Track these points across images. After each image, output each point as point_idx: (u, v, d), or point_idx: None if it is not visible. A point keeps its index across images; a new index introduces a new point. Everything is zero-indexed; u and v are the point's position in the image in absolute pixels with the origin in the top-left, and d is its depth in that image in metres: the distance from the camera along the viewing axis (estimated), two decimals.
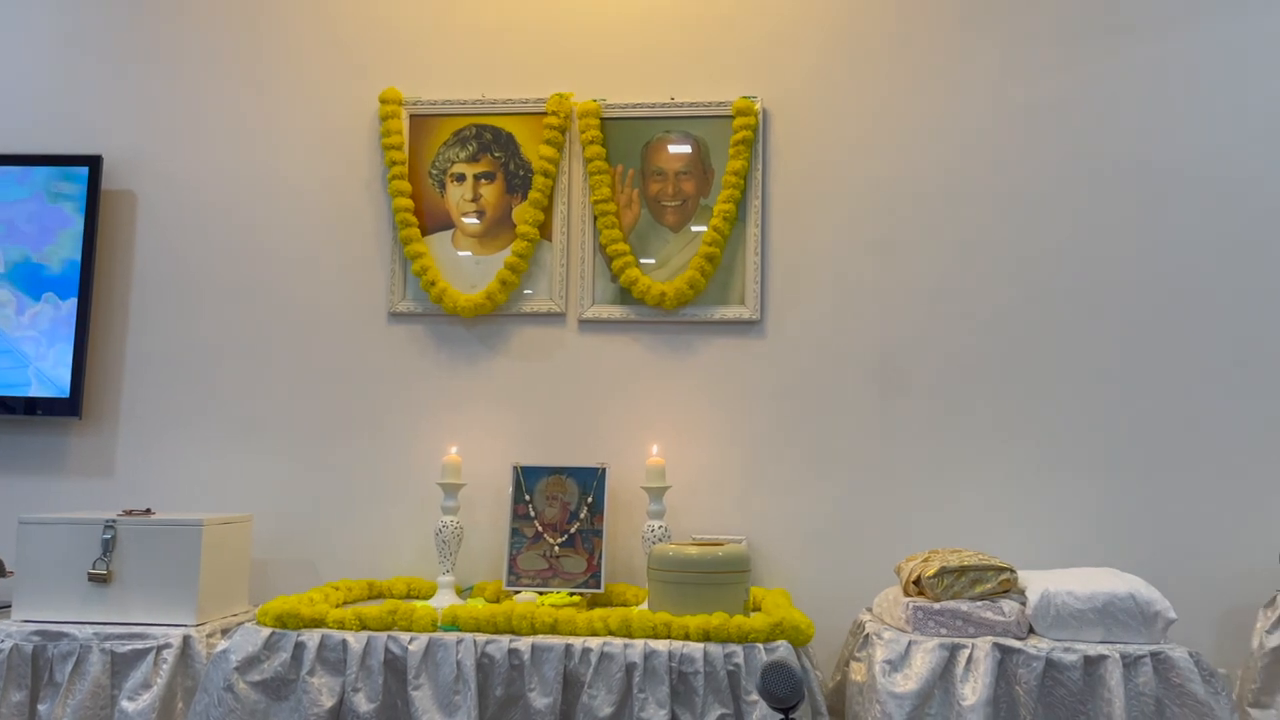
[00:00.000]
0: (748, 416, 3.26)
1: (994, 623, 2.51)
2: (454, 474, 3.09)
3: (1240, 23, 3.23)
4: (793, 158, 3.34)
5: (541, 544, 3.10)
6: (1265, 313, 3.12)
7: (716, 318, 3.28)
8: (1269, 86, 3.20)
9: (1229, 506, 3.06)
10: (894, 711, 2.40)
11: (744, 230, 3.30)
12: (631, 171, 3.36)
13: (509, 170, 3.40)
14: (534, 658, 2.49)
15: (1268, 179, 3.16)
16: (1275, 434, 3.07)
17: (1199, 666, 2.39)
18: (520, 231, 3.33)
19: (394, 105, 3.43)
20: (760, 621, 2.48)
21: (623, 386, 3.30)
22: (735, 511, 3.23)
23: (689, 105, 3.35)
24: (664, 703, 2.40)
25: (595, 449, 3.26)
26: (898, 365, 3.23)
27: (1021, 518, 3.13)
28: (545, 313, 3.35)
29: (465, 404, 3.34)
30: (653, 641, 2.47)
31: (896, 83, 3.33)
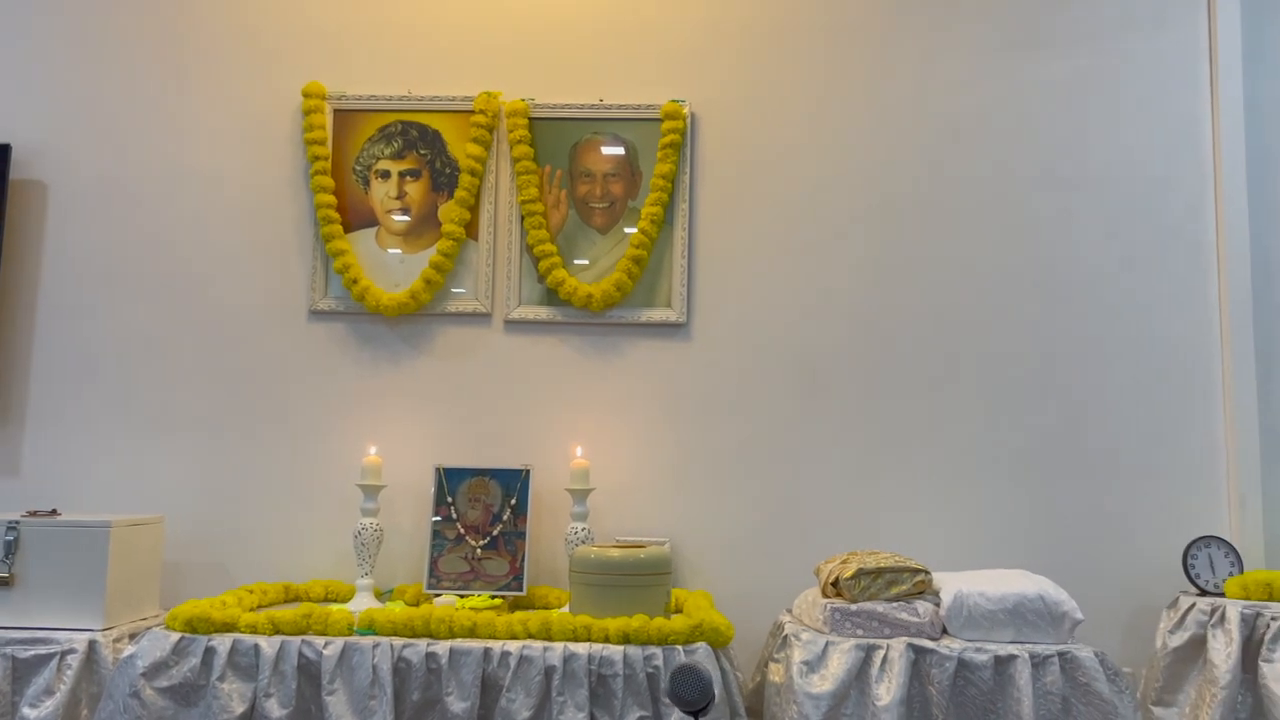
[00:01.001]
0: (673, 419, 3.27)
1: (909, 624, 2.55)
2: (374, 475, 3.04)
3: (1149, 41, 3.33)
4: (720, 162, 3.36)
5: (464, 546, 3.07)
6: (1169, 322, 3.22)
7: (643, 320, 3.29)
8: (1176, 103, 3.30)
9: (1135, 510, 3.15)
10: (810, 712, 2.43)
11: (671, 233, 3.31)
12: (559, 172, 3.35)
13: (435, 168, 3.37)
14: (452, 661, 2.46)
15: (1173, 192, 3.27)
16: (1178, 440, 3.17)
17: (1104, 666, 2.46)
18: (446, 230, 3.30)
19: (317, 99, 3.37)
20: (680, 624, 2.49)
21: (548, 388, 3.29)
22: (659, 513, 3.23)
23: (618, 107, 3.35)
24: (583, 705, 2.40)
25: (519, 450, 3.25)
26: (820, 369, 3.27)
27: (938, 520, 3.18)
28: (470, 313, 3.32)
29: (387, 404, 3.30)
30: (572, 644, 2.46)
31: (821, 91, 3.37)
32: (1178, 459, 3.17)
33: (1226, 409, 3.16)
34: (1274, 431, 3.16)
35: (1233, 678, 2.64)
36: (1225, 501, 3.13)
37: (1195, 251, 3.25)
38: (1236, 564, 2.91)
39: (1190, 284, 3.24)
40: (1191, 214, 3.26)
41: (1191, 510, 3.14)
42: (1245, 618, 2.68)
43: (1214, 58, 3.28)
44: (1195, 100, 3.30)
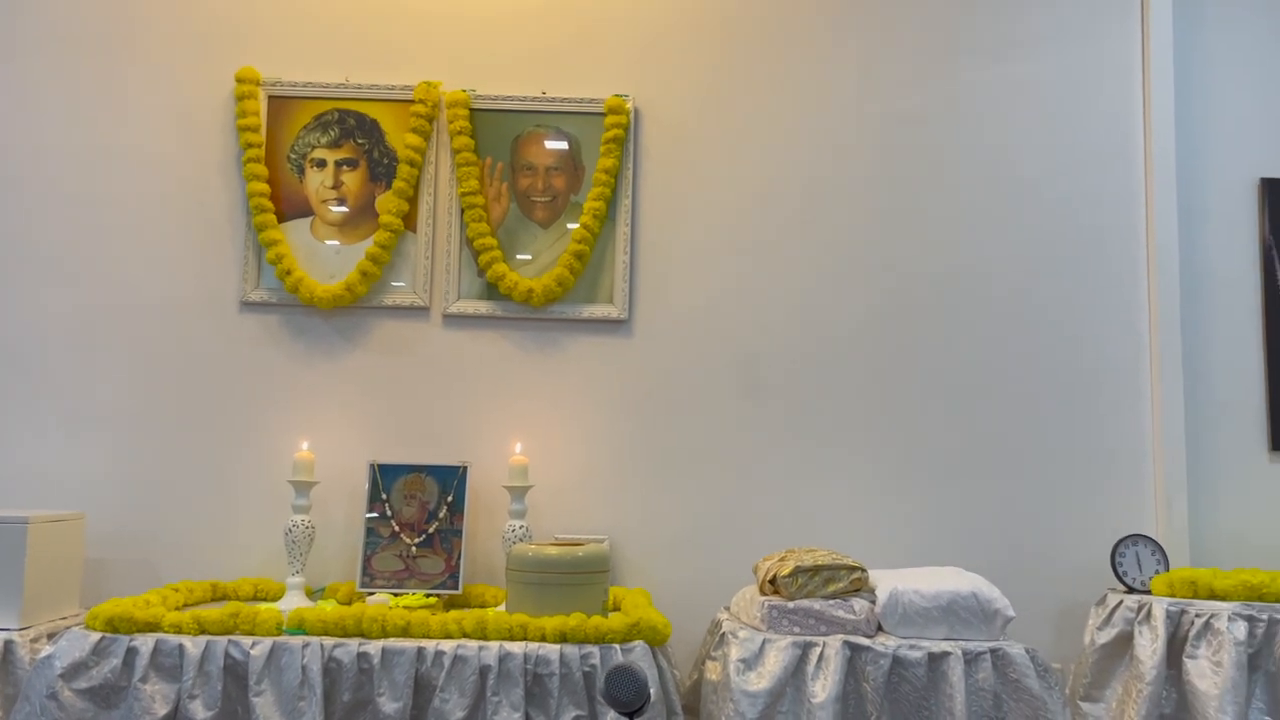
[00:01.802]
0: (613, 416, 3.25)
1: (845, 621, 2.56)
2: (306, 471, 2.97)
3: (1082, 50, 3.39)
4: (664, 158, 3.34)
5: (398, 544, 3.01)
6: (1099, 326, 3.29)
7: (584, 316, 3.26)
8: (1108, 111, 3.36)
9: (1065, 509, 3.21)
10: (746, 710, 2.42)
11: (614, 229, 3.29)
12: (501, 165, 3.31)
13: (373, 158, 3.30)
14: (384, 661, 2.42)
15: (1105, 199, 3.33)
16: (1107, 442, 3.23)
17: (1034, 662, 2.49)
18: (383, 221, 3.23)
19: (251, 85, 3.28)
20: (617, 622, 2.47)
21: (487, 383, 3.25)
22: (599, 511, 3.21)
23: (561, 100, 3.32)
24: (518, 705, 2.37)
25: (457, 447, 3.20)
26: (761, 368, 3.27)
27: (875, 518, 3.21)
28: (408, 306, 3.26)
29: (320, 398, 3.23)
30: (508, 643, 2.43)
31: (765, 90, 3.37)
32: (1107, 460, 3.23)
33: (1154, 411, 3.23)
34: (1199, 433, 3.23)
35: (1158, 674, 2.70)
36: (1152, 501, 3.20)
37: (1126, 257, 3.31)
38: (1163, 562, 2.98)
39: (1120, 289, 3.30)
40: (1122, 220, 3.32)
41: (1120, 510, 3.20)
42: (1170, 615, 2.73)
43: (1146, 68, 3.35)
44: (1127, 108, 3.36)
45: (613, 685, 1.59)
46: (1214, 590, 2.74)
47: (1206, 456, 3.23)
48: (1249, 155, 3.36)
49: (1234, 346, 3.29)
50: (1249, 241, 3.33)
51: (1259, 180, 3.34)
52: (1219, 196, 3.35)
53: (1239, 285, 3.32)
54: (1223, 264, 3.33)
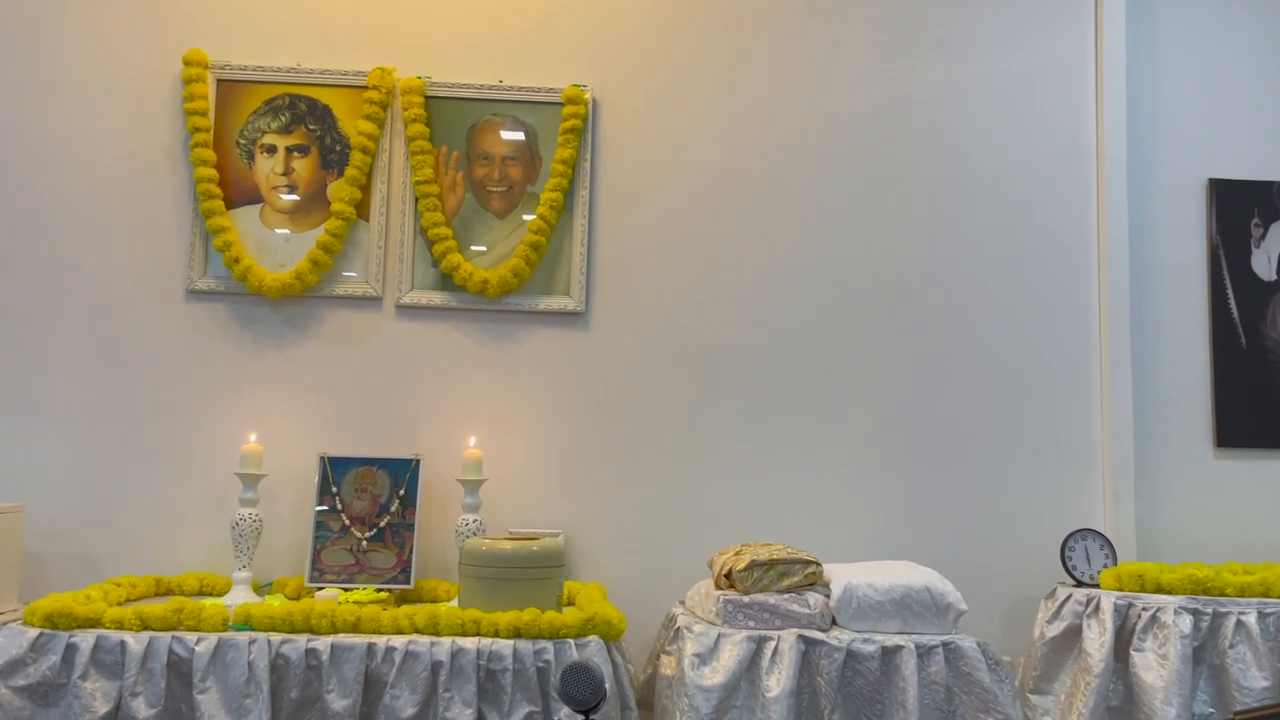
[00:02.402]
0: (569, 409, 3.22)
1: (799, 615, 2.56)
2: (254, 464, 2.91)
3: (1037, 50, 3.42)
4: (622, 150, 3.32)
5: (349, 538, 2.96)
6: (1051, 323, 3.32)
7: (541, 308, 3.23)
8: (1061, 110, 3.40)
9: (1017, 504, 3.24)
10: (701, 704, 2.41)
11: (571, 220, 3.26)
12: (456, 154, 3.26)
13: (325, 144, 3.24)
14: (333, 658, 2.37)
15: (1057, 197, 3.37)
16: (1058, 437, 3.27)
17: (985, 656, 2.51)
18: (335, 209, 3.17)
19: (199, 68, 3.20)
20: (572, 617, 2.45)
21: (441, 375, 3.20)
22: (554, 505, 3.18)
23: (518, 89, 3.27)
24: (470, 702, 2.34)
25: (409, 440, 3.15)
26: (717, 361, 3.26)
27: (830, 512, 3.22)
28: (360, 296, 3.21)
29: (269, 389, 3.16)
30: (461, 639, 2.40)
31: (723, 84, 3.36)
32: (1057, 455, 3.27)
33: (1104, 408, 3.27)
34: (1147, 429, 3.28)
35: (1105, 666, 2.73)
36: (1101, 496, 3.24)
37: (1077, 255, 3.35)
38: (1111, 556, 3.02)
39: (1071, 287, 3.34)
40: (1074, 219, 3.36)
41: (1069, 504, 3.24)
42: (1118, 608, 2.77)
43: (1099, 68, 3.39)
44: (1080, 108, 3.40)
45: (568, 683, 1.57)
46: (1160, 584, 2.78)
47: (1154, 452, 3.28)
48: (1198, 155, 3.41)
49: (1181, 344, 3.34)
50: (1197, 241, 3.39)
51: (1207, 180, 3.39)
52: (1168, 196, 3.40)
53: (1187, 284, 3.37)
54: (1171, 263, 3.38)
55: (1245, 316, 3.33)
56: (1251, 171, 3.40)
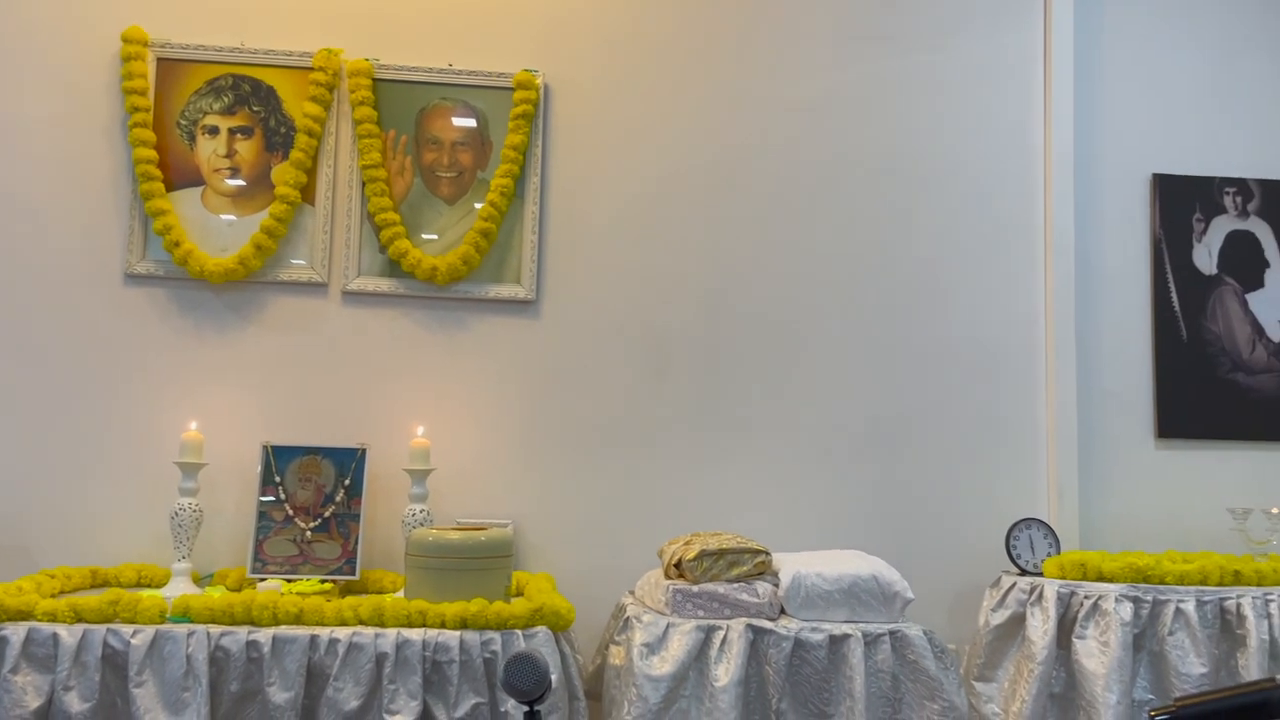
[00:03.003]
0: (519, 398, 3.19)
1: (748, 604, 2.56)
2: (194, 452, 2.84)
3: (987, 41, 3.44)
4: (574, 136, 3.29)
5: (292, 529, 2.91)
6: (998, 314, 3.35)
7: (491, 296, 3.19)
8: (1011, 102, 3.42)
9: (963, 493, 3.27)
10: (649, 694, 2.41)
11: (522, 207, 3.22)
12: (405, 138, 3.21)
13: (269, 126, 3.17)
14: (275, 650, 2.33)
15: (1006, 189, 3.39)
16: (1004, 428, 3.31)
17: (932, 644, 2.53)
18: (280, 193, 3.11)
19: (138, 46, 3.11)
20: (520, 608, 2.42)
21: (388, 363, 3.15)
22: (503, 495, 3.15)
23: (468, 74, 3.23)
24: (416, 693, 2.31)
25: (355, 429, 3.10)
26: (669, 350, 3.25)
27: (780, 501, 3.22)
28: (305, 282, 3.14)
29: (211, 377, 3.09)
30: (407, 630, 2.36)
31: (677, 71, 3.34)
32: (1003, 445, 3.30)
33: (1049, 399, 3.31)
34: (1091, 421, 3.33)
35: (1048, 654, 2.77)
36: (1045, 486, 3.29)
37: (1024, 248, 3.38)
38: (1054, 545, 3.06)
39: (1019, 279, 3.37)
40: (1022, 211, 3.39)
41: (1015, 494, 3.28)
42: (1061, 596, 2.81)
43: (1048, 62, 3.42)
44: (1029, 101, 3.43)
45: (512, 674, 1.54)
46: (1102, 572, 2.82)
47: (1097, 443, 3.33)
48: (1142, 151, 3.46)
49: (1124, 337, 3.40)
50: (1141, 235, 3.44)
51: (1151, 175, 3.44)
52: (1113, 190, 3.44)
53: (1130, 278, 3.42)
54: (1116, 257, 3.42)
55: (1186, 309, 3.39)
56: (1194, 167, 3.46)
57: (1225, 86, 3.50)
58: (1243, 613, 2.72)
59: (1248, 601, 2.73)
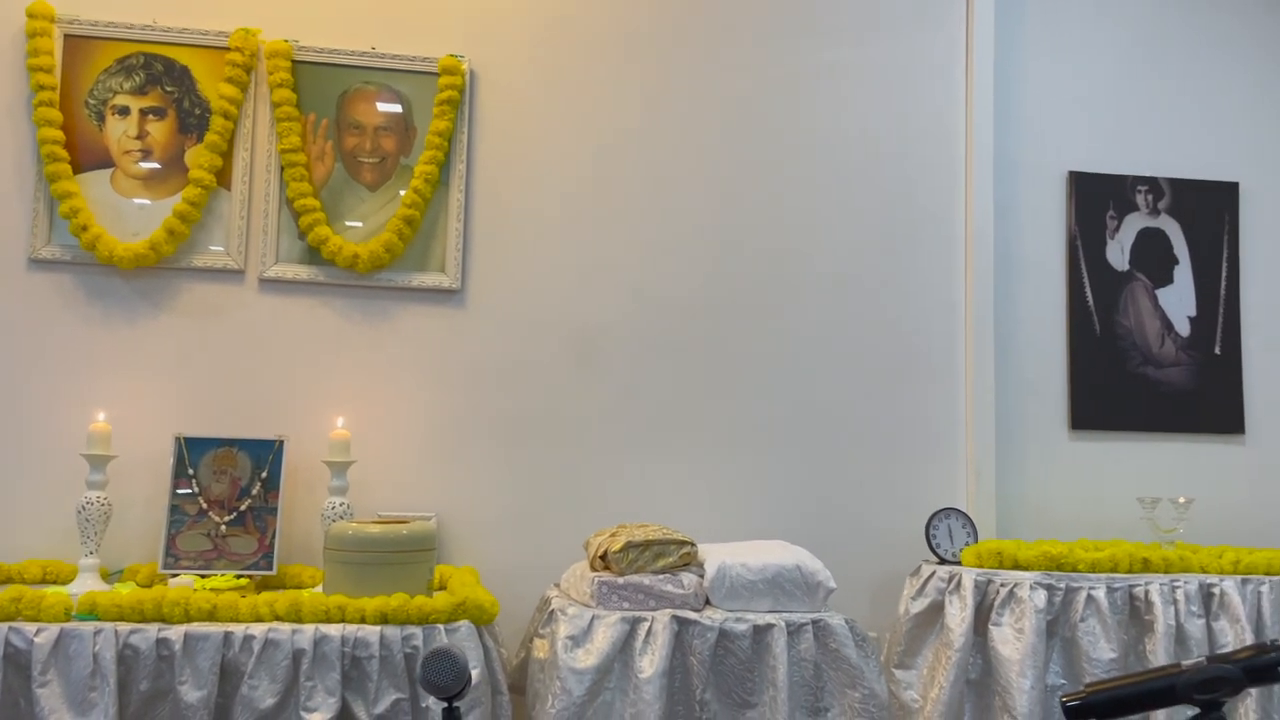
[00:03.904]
0: (444, 389, 3.14)
1: (674, 595, 2.57)
2: (102, 444, 2.74)
3: (911, 37, 3.48)
4: (501, 124, 3.24)
5: (206, 523, 2.83)
6: (919, 308, 3.40)
7: (414, 284, 3.13)
8: (933, 99, 3.47)
9: (885, 484, 3.32)
10: (573, 687, 2.39)
11: (447, 195, 3.17)
12: (325, 122, 3.13)
13: (183, 108, 3.06)
14: (186, 648, 2.26)
15: (927, 184, 3.44)
16: (924, 419, 3.36)
17: (853, 632, 2.56)
18: (194, 177, 3.01)
19: (44, 21, 2.98)
20: (442, 602, 2.39)
21: (307, 353, 3.08)
22: (426, 488, 3.11)
23: (391, 57, 3.16)
24: (334, 690, 2.26)
25: (273, 420, 3.02)
26: (596, 341, 3.23)
27: (706, 492, 3.23)
28: (220, 268, 3.05)
29: (120, 366, 2.98)
30: (325, 626, 2.31)
31: (605, 62, 3.31)
32: (924, 437, 3.36)
33: (968, 391, 3.37)
34: (1008, 412, 3.40)
35: (965, 641, 2.83)
36: (964, 476, 3.35)
37: (945, 242, 3.44)
38: (972, 534, 3.12)
39: (940, 273, 3.43)
40: (943, 205, 3.45)
41: (934, 484, 3.34)
42: (978, 584, 2.87)
43: (969, 60, 3.48)
44: (951, 98, 3.48)
45: (429, 670, 1.52)
46: (1018, 561, 2.89)
47: (1014, 434, 3.40)
48: (1059, 148, 3.54)
49: (1040, 331, 3.48)
50: (1057, 231, 3.52)
51: (1067, 173, 3.53)
52: (1031, 187, 3.52)
53: (1047, 273, 3.50)
54: (1033, 252, 3.50)
55: (1100, 304, 3.49)
56: (1108, 165, 3.55)
57: (1139, 87, 3.60)
58: (1150, 599, 2.80)
59: (1155, 588, 2.81)
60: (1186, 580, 2.84)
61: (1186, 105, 3.61)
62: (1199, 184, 3.56)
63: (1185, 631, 2.79)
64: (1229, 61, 3.65)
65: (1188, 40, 3.64)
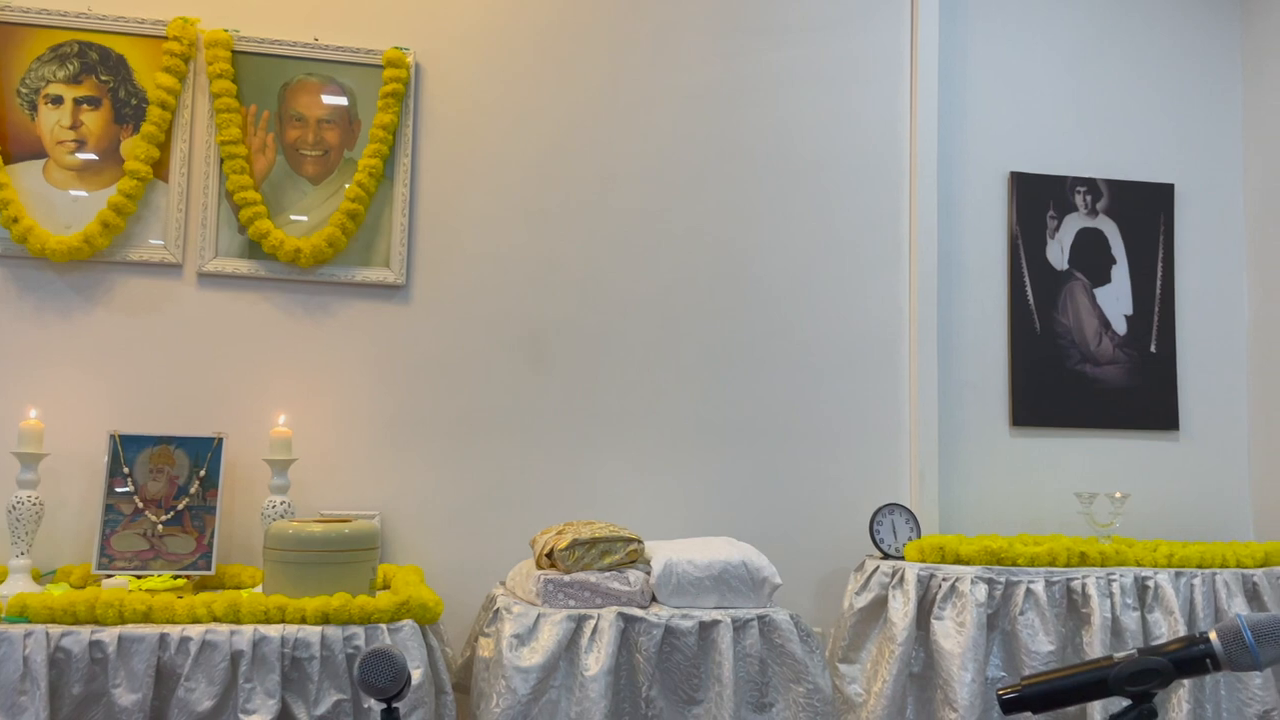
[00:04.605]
0: (388, 386, 3.10)
1: (620, 593, 2.56)
2: (33, 441, 2.67)
3: (857, 39, 3.51)
4: (447, 118, 3.21)
5: (142, 522, 2.76)
6: (864, 306, 3.43)
7: (358, 280, 3.09)
8: (879, 100, 3.50)
9: (830, 480, 3.35)
10: (518, 686, 2.38)
11: (392, 189, 3.13)
12: (267, 114, 3.08)
13: (118, 97, 2.99)
14: (121, 650, 2.21)
15: (873, 185, 3.47)
16: (869, 416, 3.39)
17: (798, 627, 2.58)
18: (130, 168, 2.94)
19: None
20: (385, 601, 2.36)
21: (248, 349, 3.03)
22: (370, 486, 3.07)
23: (335, 49, 3.12)
24: (274, 692, 2.22)
25: (212, 417, 2.96)
26: (541, 339, 3.22)
27: (653, 489, 3.23)
28: (158, 262, 2.98)
29: (53, 362, 2.90)
30: (264, 627, 2.27)
31: (554, 56, 3.30)
32: (868, 433, 3.39)
33: (912, 389, 3.41)
34: (950, 410, 3.45)
35: (908, 634, 2.86)
36: (908, 472, 3.39)
37: (890, 241, 3.47)
38: (915, 529, 3.16)
39: (884, 272, 3.46)
40: (889, 206, 3.48)
41: (879, 480, 3.37)
42: (921, 579, 2.90)
43: (914, 61, 3.51)
44: (896, 98, 3.52)
45: (366, 671, 1.49)
46: (960, 555, 2.93)
47: (956, 431, 3.45)
48: (1001, 149, 3.59)
49: (982, 329, 3.53)
50: (999, 231, 3.57)
51: (1009, 173, 3.58)
52: (974, 187, 3.56)
53: (989, 272, 3.55)
54: (975, 252, 3.55)
55: (1040, 303, 3.55)
56: (1048, 166, 3.61)
57: (1078, 90, 3.67)
58: (1087, 592, 2.86)
59: (1092, 582, 2.87)
60: (1122, 574, 2.90)
61: (1124, 108, 3.69)
62: (1136, 185, 3.64)
63: (1121, 624, 2.85)
64: (1164, 67, 3.73)
65: (1126, 46, 3.71)
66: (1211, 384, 3.65)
